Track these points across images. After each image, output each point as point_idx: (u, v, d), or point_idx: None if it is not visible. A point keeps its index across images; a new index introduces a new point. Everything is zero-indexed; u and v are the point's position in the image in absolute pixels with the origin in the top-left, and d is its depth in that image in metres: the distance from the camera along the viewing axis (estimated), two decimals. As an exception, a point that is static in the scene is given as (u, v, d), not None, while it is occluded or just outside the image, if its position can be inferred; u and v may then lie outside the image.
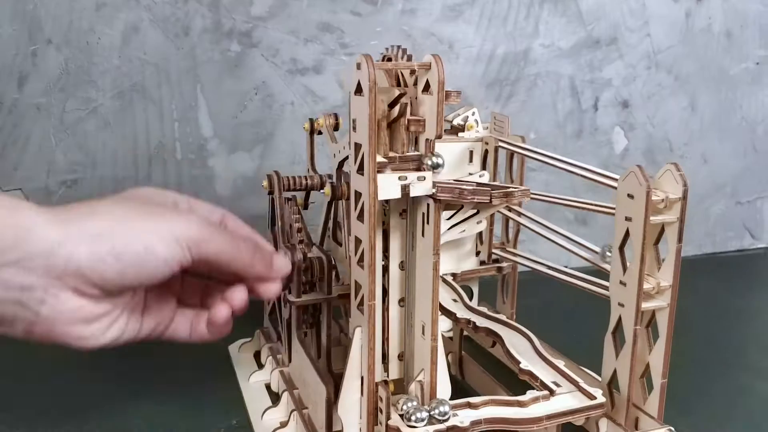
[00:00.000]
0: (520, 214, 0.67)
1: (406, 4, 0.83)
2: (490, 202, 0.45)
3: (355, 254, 0.46)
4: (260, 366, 0.64)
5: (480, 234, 0.69)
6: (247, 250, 0.48)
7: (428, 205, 0.45)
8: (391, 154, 0.45)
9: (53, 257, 0.41)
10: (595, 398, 0.46)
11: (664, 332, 0.51)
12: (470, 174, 0.67)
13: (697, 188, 1.02)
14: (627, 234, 0.50)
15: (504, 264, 0.69)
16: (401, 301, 0.49)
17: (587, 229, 0.97)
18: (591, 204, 0.56)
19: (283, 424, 0.53)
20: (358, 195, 0.45)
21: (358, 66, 0.43)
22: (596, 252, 0.57)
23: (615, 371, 0.52)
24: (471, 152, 0.67)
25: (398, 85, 0.50)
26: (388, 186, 0.43)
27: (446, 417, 0.43)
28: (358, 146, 0.44)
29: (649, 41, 0.95)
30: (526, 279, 0.71)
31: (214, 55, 0.77)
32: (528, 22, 0.89)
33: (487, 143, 0.67)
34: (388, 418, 0.45)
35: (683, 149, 1.01)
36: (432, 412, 0.43)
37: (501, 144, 0.66)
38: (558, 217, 0.94)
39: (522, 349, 0.53)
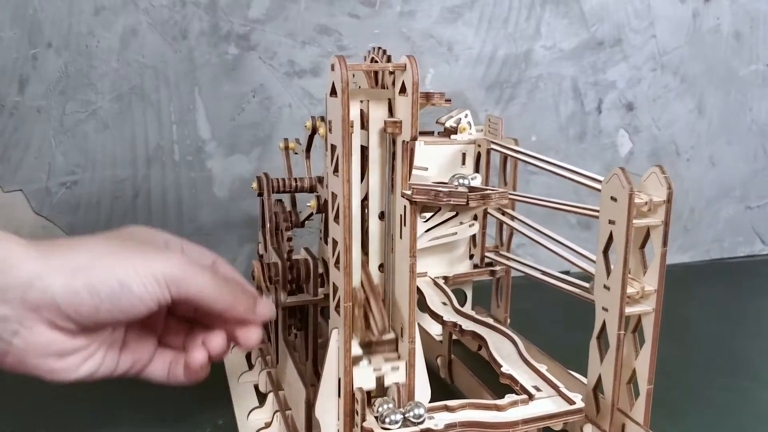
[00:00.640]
0: (513, 218, 0.67)
1: (405, 6, 0.83)
2: (467, 204, 0.45)
3: (332, 256, 0.46)
4: (251, 367, 0.64)
5: (473, 237, 0.69)
6: (230, 292, 0.47)
7: (405, 207, 0.45)
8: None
9: (30, 290, 0.41)
10: (574, 403, 0.46)
11: (650, 337, 0.50)
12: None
13: (704, 192, 1.01)
14: (611, 237, 0.49)
15: (497, 268, 0.68)
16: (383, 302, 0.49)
17: (590, 233, 0.96)
18: (578, 207, 0.55)
19: (268, 425, 0.54)
20: (334, 196, 0.45)
21: (333, 67, 0.43)
22: (586, 257, 0.57)
23: (600, 376, 0.51)
24: (464, 154, 0.67)
25: (380, 87, 0.50)
26: (365, 377, 0.45)
27: (421, 420, 0.43)
28: (333, 147, 0.44)
29: (654, 42, 0.94)
30: (523, 283, 0.71)
31: (212, 58, 0.77)
32: (529, 24, 0.88)
33: (479, 146, 0.67)
34: (363, 419, 0.45)
35: (690, 152, 0.99)
36: (407, 415, 0.43)
37: (493, 147, 0.65)
38: (561, 222, 0.94)
39: (506, 353, 0.53)
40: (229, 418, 0.56)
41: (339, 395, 0.46)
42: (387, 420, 0.43)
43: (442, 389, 0.62)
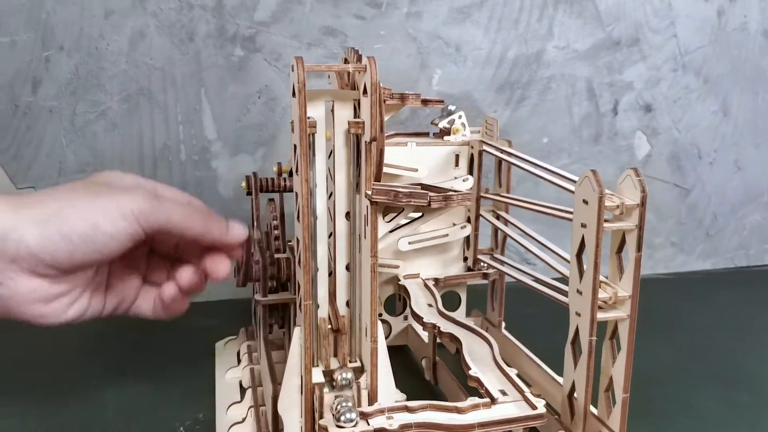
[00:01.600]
0: (507, 222, 0.66)
1: (412, 7, 0.83)
2: (428, 205, 0.45)
3: (296, 254, 0.47)
4: (240, 363, 0.65)
5: (467, 239, 0.68)
6: (200, 217, 0.49)
7: (367, 207, 0.45)
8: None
9: (6, 242, 0.44)
10: (536, 408, 0.45)
11: (626, 345, 0.49)
12: (455, 178, 0.67)
13: (728, 197, 0.98)
14: (584, 241, 0.48)
15: (490, 270, 0.67)
16: (348, 303, 0.49)
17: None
18: (558, 210, 0.54)
19: (243, 420, 0.54)
20: (296, 195, 0.46)
21: (292, 68, 0.43)
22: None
23: (574, 383, 0.50)
24: (457, 156, 0.67)
25: (352, 88, 0.50)
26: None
27: (353, 423, 0.43)
28: (295, 147, 0.45)
29: (675, 42, 0.92)
30: (520, 286, 0.70)
31: (218, 59, 0.79)
32: (541, 24, 0.87)
33: (473, 147, 0.66)
34: (321, 417, 0.45)
35: (713, 155, 0.96)
36: (340, 417, 0.43)
37: (485, 148, 0.65)
38: (569, 225, 0.92)
39: (480, 356, 0.52)
40: (211, 412, 0.57)
41: (301, 392, 0.47)
42: (342, 418, 0.43)
43: (427, 391, 0.62)
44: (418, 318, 0.58)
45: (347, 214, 0.48)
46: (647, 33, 0.90)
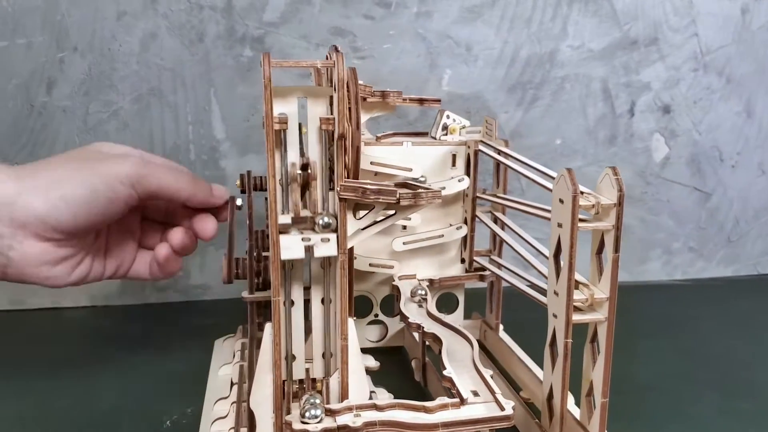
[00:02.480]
0: (504, 226, 0.65)
1: (422, 7, 0.83)
2: (398, 203, 0.44)
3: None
4: (234, 359, 0.66)
5: (464, 239, 0.68)
6: (188, 180, 0.54)
7: (336, 204, 0.45)
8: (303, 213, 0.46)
9: (14, 207, 0.48)
10: (504, 410, 0.44)
11: (604, 348, 0.48)
12: (452, 178, 0.66)
13: (752, 201, 0.94)
14: (560, 241, 0.47)
15: (486, 272, 0.67)
16: (323, 300, 0.49)
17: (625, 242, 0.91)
18: (541, 209, 0.53)
19: (225, 416, 0.55)
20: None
21: (260, 64, 0.44)
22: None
23: (552, 386, 0.50)
24: (454, 156, 0.66)
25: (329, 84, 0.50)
26: (292, 246, 0.44)
27: (319, 419, 0.43)
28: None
29: (696, 41, 0.89)
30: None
31: (227, 60, 0.80)
32: (555, 23, 0.86)
33: (469, 147, 0.66)
34: (288, 413, 0.45)
35: (736, 158, 0.93)
36: (305, 414, 0.43)
37: (480, 148, 0.64)
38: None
39: (460, 357, 0.52)
40: (200, 407, 0.58)
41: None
42: (307, 414, 0.43)
43: (417, 392, 0.62)
44: (404, 318, 0.58)
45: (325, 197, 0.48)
46: (666, 32, 0.88)
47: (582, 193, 0.47)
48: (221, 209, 0.59)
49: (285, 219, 0.45)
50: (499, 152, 0.62)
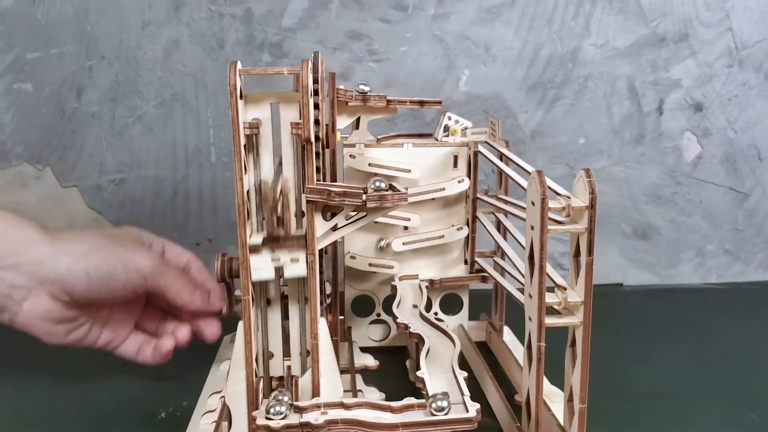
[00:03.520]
0: (501, 227, 0.64)
1: (439, 9, 0.82)
2: (364, 205, 0.45)
3: (243, 251, 0.48)
4: (237, 356, 0.67)
5: (467, 240, 0.67)
6: (190, 289, 0.58)
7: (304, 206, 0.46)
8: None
9: (41, 266, 0.53)
10: (468, 412, 0.44)
11: (580, 353, 0.47)
12: (452, 179, 0.66)
13: (793, 203, 0.89)
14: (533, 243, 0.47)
15: (486, 274, 0.66)
16: (298, 299, 0.50)
17: (647, 244, 0.89)
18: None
19: (215, 409, 0.56)
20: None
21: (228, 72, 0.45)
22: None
23: (528, 389, 0.49)
24: (455, 157, 0.66)
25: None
26: (263, 266, 0.46)
27: (283, 416, 0.43)
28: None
29: (730, 36, 0.85)
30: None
31: (247, 65, 0.81)
32: (577, 22, 0.84)
33: (470, 148, 0.65)
34: (256, 408, 0.46)
35: (776, 157, 0.88)
36: (270, 410, 0.44)
37: (479, 149, 0.64)
38: (611, 230, 0.88)
39: (441, 358, 0.51)
40: (196, 400, 0.60)
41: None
42: (271, 411, 0.44)
43: (411, 392, 0.61)
44: (394, 317, 0.58)
45: (298, 214, 0.49)
46: (697, 27, 0.85)
47: (559, 195, 0.46)
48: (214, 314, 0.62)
49: (257, 239, 0.47)
50: (501, 155, 0.61)
